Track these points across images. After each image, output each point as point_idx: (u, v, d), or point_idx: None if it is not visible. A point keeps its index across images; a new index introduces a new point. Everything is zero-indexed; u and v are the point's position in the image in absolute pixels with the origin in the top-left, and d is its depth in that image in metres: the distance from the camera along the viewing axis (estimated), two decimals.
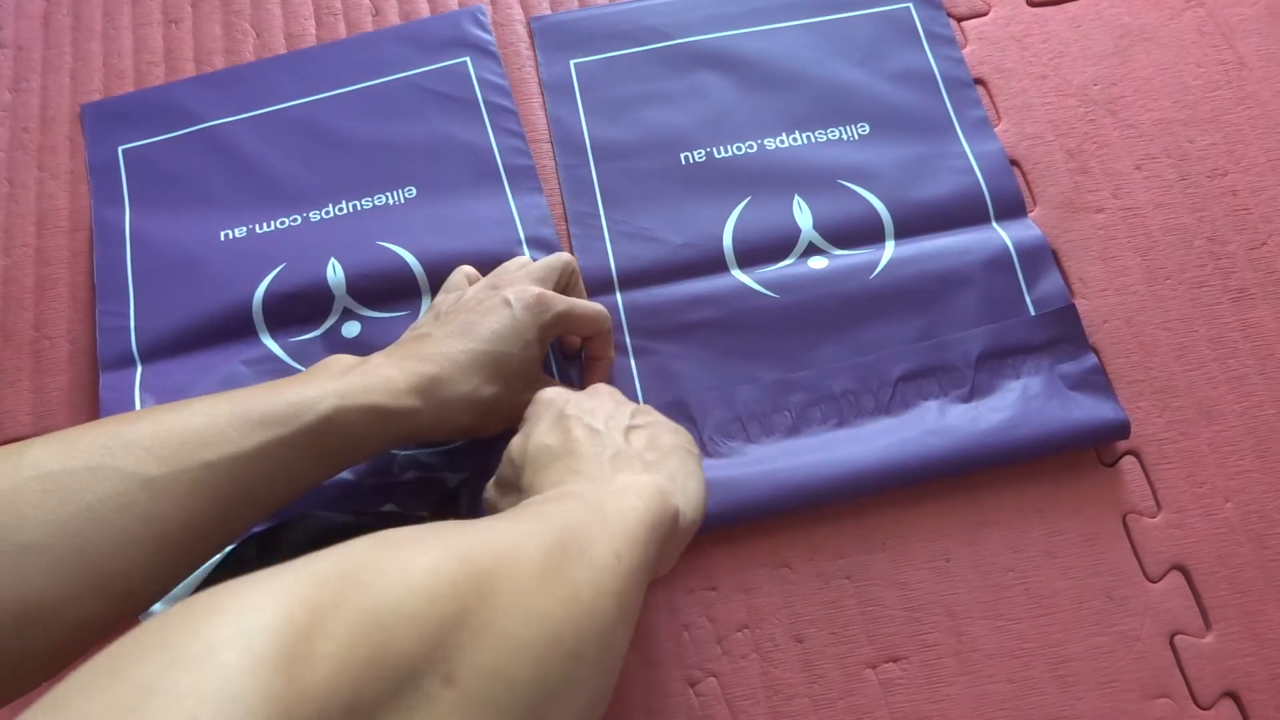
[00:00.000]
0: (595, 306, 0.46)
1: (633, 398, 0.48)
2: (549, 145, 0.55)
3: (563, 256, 0.47)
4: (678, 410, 0.48)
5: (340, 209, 0.53)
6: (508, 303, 0.42)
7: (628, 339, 0.50)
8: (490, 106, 0.56)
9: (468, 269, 0.48)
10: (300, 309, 0.50)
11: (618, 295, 0.51)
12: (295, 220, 0.53)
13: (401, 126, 0.56)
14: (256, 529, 0.41)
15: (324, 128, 0.56)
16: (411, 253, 0.51)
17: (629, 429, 0.38)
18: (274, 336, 0.50)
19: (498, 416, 0.42)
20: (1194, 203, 0.53)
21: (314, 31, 0.60)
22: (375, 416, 0.38)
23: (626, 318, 0.50)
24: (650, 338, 0.50)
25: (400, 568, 0.22)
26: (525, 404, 0.43)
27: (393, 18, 0.60)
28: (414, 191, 0.54)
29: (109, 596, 0.30)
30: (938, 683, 0.43)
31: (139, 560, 0.31)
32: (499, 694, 0.22)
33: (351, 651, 0.19)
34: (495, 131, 0.55)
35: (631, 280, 0.51)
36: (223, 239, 0.53)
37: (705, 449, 0.47)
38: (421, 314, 0.49)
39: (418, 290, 0.51)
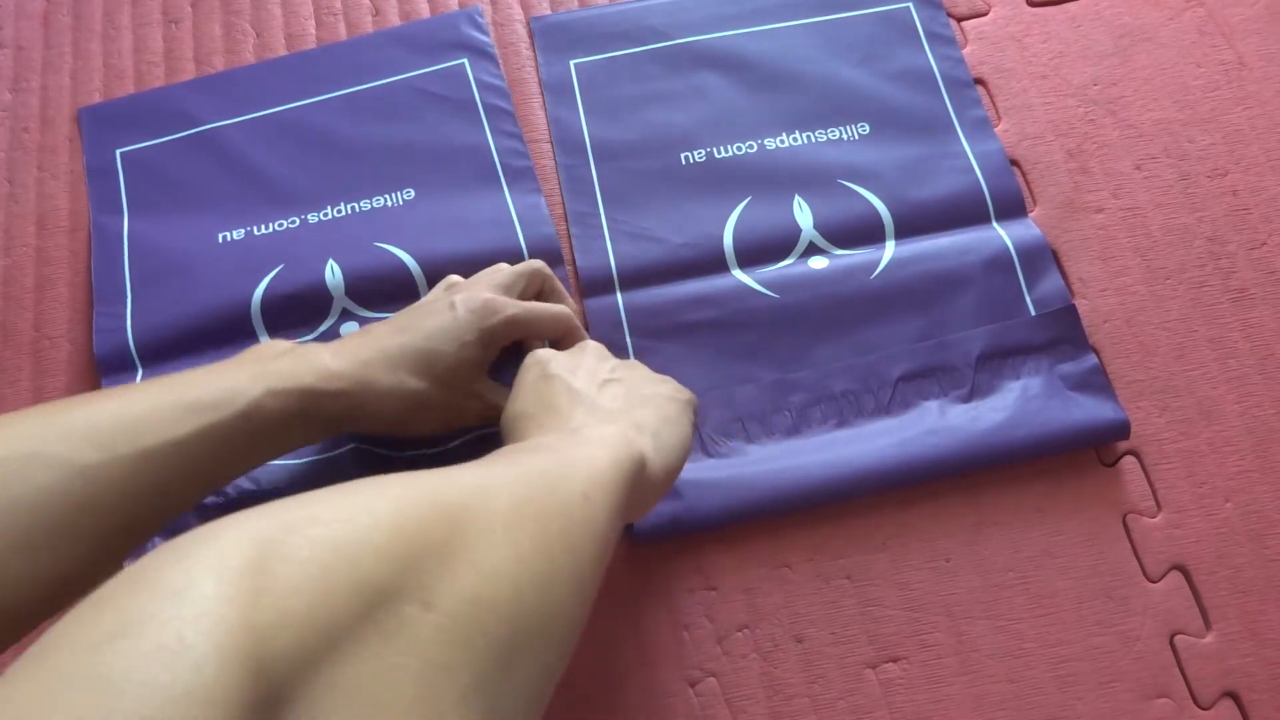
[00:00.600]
0: (554, 308, 0.46)
1: None
2: (549, 145, 0.55)
3: (533, 264, 0.47)
4: None
5: (339, 211, 0.53)
6: (453, 305, 0.43)
7: (628, 339, 0.50)
8: (488, 108, 0.56)
9: (452, 279, 0.48)
10: (299, 310, 0.50)
11: (618, 295, 0.51)
12: (294, 222, 0.53)
13: (399, 129, 0.56)
14: None
15: (322, 130, 0.56)
16: (410, 254, 0.51)
17: (605, 382, 0.39)
18: (272, 338, 0.50)
19: (430, 415, 0.43)
20: (1194, 203, 0.53)
21: (314, 31, 0.60)
22: (305, 399, 0.39)
23: (627, 317, 0.50)
24: (650, 338, 0.50)
25: (362, 507, 0.23)
26: (462, 406, 0.43)
27: (393, 18, 0.60)
28: (412, 193, 0.54)
29: (49, 584, 0.31)
30: (938, 683, 0.43)
31: (77, 547, 0.31)
32: (481, 617, 0.23)
33: (320, 582, 0.20)
34: (493, 133, 0.55)
35: (632, 280, 0.51)
36: (221, 241, 0.53)
37: (705, 449, 0.47)
38: None
39: (416, 292, 0.51)
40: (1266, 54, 0.56)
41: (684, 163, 0.54)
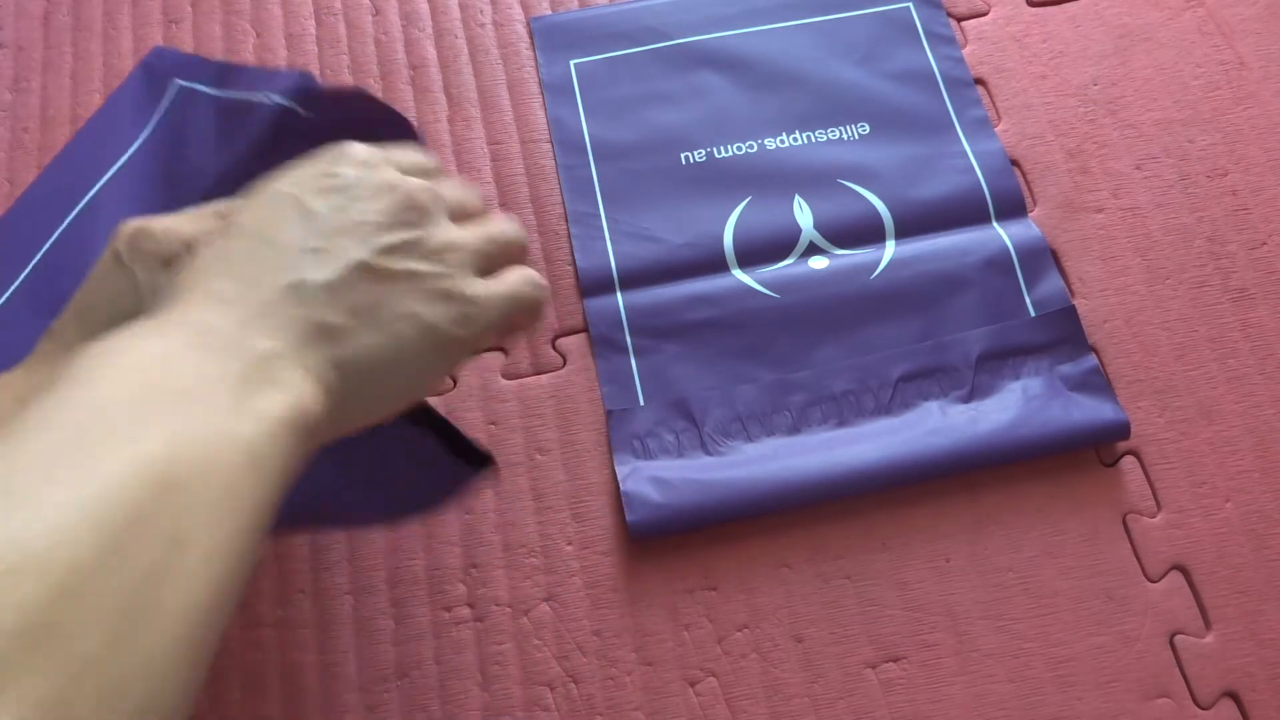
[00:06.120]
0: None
1: (633, 397, 0.48)
2: (549, 145, 0.55)
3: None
4: (678, 410, 0.48)
5: None
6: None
7: (628, 338, 0.50)
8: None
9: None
10: None
11: (618, 295, 0.51)
12: None
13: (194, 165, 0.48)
14: None
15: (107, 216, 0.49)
16: None
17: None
18: None
19: None
20: (1194, 203, 0.53)
21: (314, 31, 0.60)
22: None
23: (627, 317, 0.50)
24: (650, 337, 0.50)
25: None
26: None
27: (393, 17, 0.60)
28: None
29: None
30: (938, 683, 0.43)
31: None
32: None
33: None
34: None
35: (632, 280, 0.51)
36: None
37: (705, 448, 0.47)
38: None
39: None
40: (1266, 54, 0.56)
41: (684, 163, 0.54)
